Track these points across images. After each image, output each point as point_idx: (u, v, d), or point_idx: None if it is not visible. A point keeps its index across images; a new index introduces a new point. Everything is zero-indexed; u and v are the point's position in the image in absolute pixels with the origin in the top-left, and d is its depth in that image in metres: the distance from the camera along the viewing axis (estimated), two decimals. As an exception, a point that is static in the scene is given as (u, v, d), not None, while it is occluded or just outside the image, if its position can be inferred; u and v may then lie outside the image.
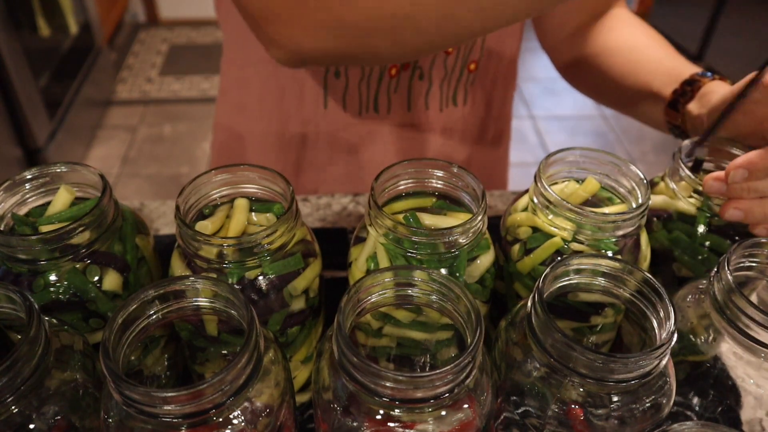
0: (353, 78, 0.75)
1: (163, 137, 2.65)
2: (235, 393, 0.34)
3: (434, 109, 0.80)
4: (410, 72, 0.75)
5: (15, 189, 0.47)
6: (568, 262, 0.41)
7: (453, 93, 0.79)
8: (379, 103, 0.77)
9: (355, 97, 0.76)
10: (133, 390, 0.32)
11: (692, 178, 0.51)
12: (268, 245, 0.43)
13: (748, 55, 2.79)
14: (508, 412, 0.41)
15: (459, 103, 0.81)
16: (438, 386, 0.34)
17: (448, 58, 0.75)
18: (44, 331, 0.37)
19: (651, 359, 0.36)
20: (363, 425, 0.36)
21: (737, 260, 0.44)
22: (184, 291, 0.38)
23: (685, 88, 0.62)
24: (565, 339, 0.36)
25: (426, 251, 0.44)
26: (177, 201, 0.45)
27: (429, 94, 0.78)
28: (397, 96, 0.77)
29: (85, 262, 0.45)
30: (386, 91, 0.76)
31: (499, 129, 0.88)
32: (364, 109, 0.78)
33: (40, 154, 2.15)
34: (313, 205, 0.77)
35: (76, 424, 0.39)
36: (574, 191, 0.51)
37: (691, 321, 0.46)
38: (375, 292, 0.39)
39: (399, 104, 0.78)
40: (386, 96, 0.77)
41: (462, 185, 0.49)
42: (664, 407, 0.39)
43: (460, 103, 0.81)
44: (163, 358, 0.52)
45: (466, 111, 0.82)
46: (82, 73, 2.49)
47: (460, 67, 0.76)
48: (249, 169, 0.48)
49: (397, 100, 0.77)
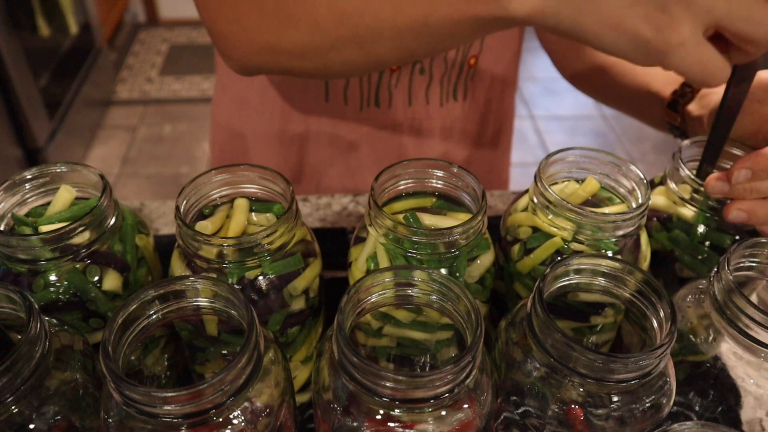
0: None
1: (163, 137, 2.65)
2: (235, 393, 0.34)
3: (434, 104, 0.80)
4: (411, 66, 0.75)
5: (15, 189, 0.47)
6: (568, 262, 0.41)
7: (453, 88, 0.79)
8: (381, 97, 0.77)
9: (356, 91, 0.77)
10: (133, 390, 0.32)
11: (692, 178, 0.51)
12: (268, 245, 0.43)
13: (748, 55, 2.79)
14: (508, 412, 0.41)
15: (459, 98, 0.81)
16: (438, 386, 0.34)
17: (448, 52, 0.75)
18: (44, 331, 0.37)
19: (651, 359, 0.36)
20: (363, 425, 0.36)
21: (737, 260, 0.44)
22: (184, 291, 0.38)
23: (684, 89, 0.62)
24: (565, 339, 0.36)
25: (426, 251, 0.44)
26: (177, 201, 0.45)
27: (429, 89, 0.78)
28: (398, 90, 0.77)
29: (85, 262, 0.45)
30: (387, 86, 0.76)
31: (498, 126, 0.88)
32: (365, 103, 0.78)
33: (40, 154, 2.15)
34: (313, 205, 0.77)
35: (76, 424, 0.39)
36: (574, 191, 0.51)
37: (691, 321, 0.46)
38: (375, 292, 0.39)
39: (400, 99, 0.78)
40: (387, 90, 0.77)
41: (462, 185, 0.49)
42: (664, 407, 0.39)
43: (460, 98, 0.81)
44: (163, 358, 0.52)
45: (466, 106, 0.82)
46: (82, 73, 2.49)
47: (460, 61, 0.77)
48: (249, 169, 0.48)
49: (398, 94, 0.78)
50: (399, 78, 0.76)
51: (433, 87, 0.78)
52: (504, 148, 0.93)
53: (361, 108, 0.78)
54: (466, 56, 0.77)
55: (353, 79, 0.75)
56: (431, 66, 0.76)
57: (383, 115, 0.79)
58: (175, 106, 2.84)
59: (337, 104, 0.78)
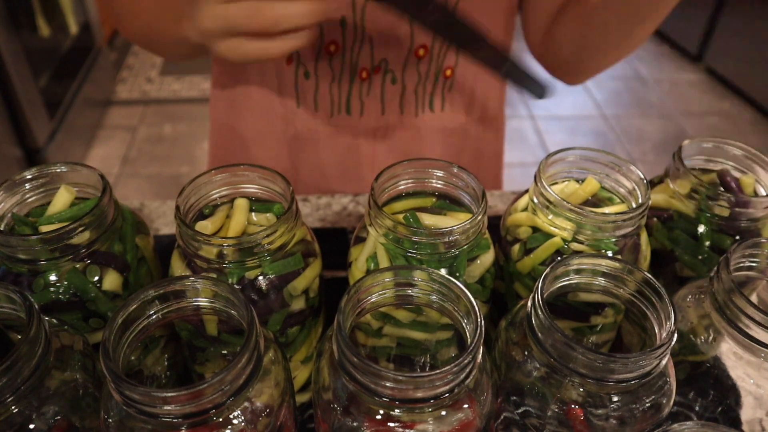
0: (323, 79, 0.75)
1: (163, 137, 2.65)
2: (235, 393, 0.34)
3: (409, 114, 0.79)
4: (381, 75, 0.75)
5: (15, 189, 0.47)
6: (568, 262, 0.41)
7: (429, 98, 0.79)
8: (352, 105, 0.77)
9: (326, 97, 0.77)
10: (133, 390, 0.32)
11: (692, 177, 0.51)
12: (268, 245, 0.43)
13: (748, 55, 2.79)
14: (508, 412, 0.41)
15: (436, 109, 0.80)
16: (438, 386, 0.34)
17: (420, 62, 0.74)
18: (44, 331, 0.37)
19: (651, 359, 0.36)
20: (363, 425, 0.36)
21: (737, 260, 0.44)
22: (184, 291, 0.38)
23: None
24: (565, 339, 0.36)
25: (426, 251, 0.44)
26: (177, 201, 0.45)
27: (403, 99, 0.78)
28: (370, 99, 0.77)
29: (85, 262, 0.45)
30: (358, 95, 0.76)
31: (480, 134, 0.86)
32: (336, 111, 0.78)
33: (40, 154, 2.15)
34: (313, 205, 0.77)
35: (76, 424, 0.39)
36: (574, 191, 0.51)
37: (691, 321, 0.46)
38: (375, 292, 0.39)
39: (372, 108, 0.78)
40: (359, 99, 0.77)
41: (462, 185, 0.49)
42: (664, 407, 0.39)
43: (437, 108, 0.80)
44: (163, 358, 0.52)
45: (444, 117, 0.81)
46: (82, 73, 2.49)
47: (435, 72, 0.76)
48: (249, 169, 0.48)
49: (371, 103, 0.77)
50: (370, 87, 0.76)
51: (407, 97, 0.77)
52: (489, 156, 0.90)
53: (332, 114, 0.78)
54: (440, 67, 0.76)
55: (322, 86, 0.76)
56: (403, 76, 0.75)
57: (355, 122, 0.79)
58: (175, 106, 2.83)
59: (309, 109, 0.78)
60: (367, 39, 0.71)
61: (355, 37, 0.71)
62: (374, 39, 0.71)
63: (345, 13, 0.69)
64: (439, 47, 0.74)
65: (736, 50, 2.87)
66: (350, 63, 0.73)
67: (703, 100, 2.94)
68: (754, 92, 2.81)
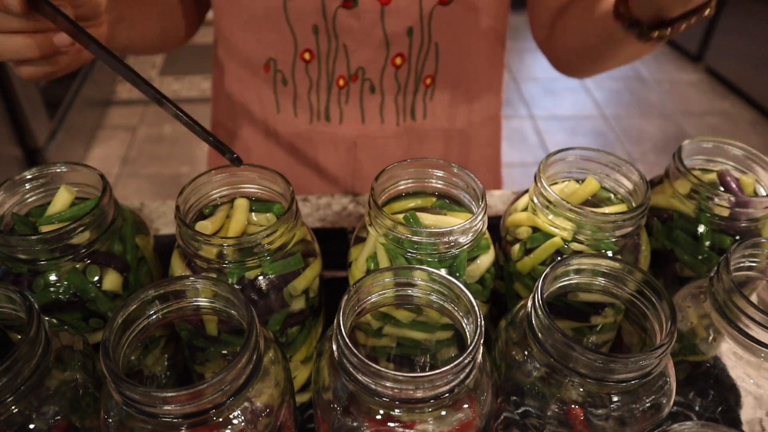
0: (301, 86, 0.76)
1: (163, 137, 2.65)
2: (235, 393, 0.34)
3: (390, 123, 0.79)
4: (359, 84, 0.75)
5: (15, 189, 0.47)
6: (568, 262, 0.41)
7: (411, 107, 0.78)
8: (331, 113, 0.77)
9: (305, 104, 0.77)
10: (133, 390, 0.32)
11: (692, 177, 0.51)
12: (268, 245, 0.43)
13: (748, 55, 2.79)
14: (508, 412, 0.41)
15: (418, 118, 0.79)
16: (438, 386, 0.34)
17: (398, 71, 0.74)
18: (44, 331, 0.37)
19: (651, 359, 0.36)
20: (363, 425, 0.36)
21: (737, 260, 0.44)
22: (184, 291, 0.38)
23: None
24: (565, 339, 0.36)
25: (426, 251, 0.44)
26: (177, 201, 0.45)
27: (383, 107, 0.77)
28: (350, 107, 0.77)
29: (85, 262, 0.45)
30: (337, 102, 0.76)
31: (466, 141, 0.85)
32: (315, 117, 0.78)
33: (40, 154, 2.15)
34: (313, 205, 0.77)
35: (76, 424, 0.39)
36: (574, 191, 0.51)
37: (691, 321, 0.46)
38: (375, 292, 0.39)
39: (352, 116, 0.78)
40: (338, 107, 0.77)
41: (462, 185, 0.49)
42: (664, 407, 0.39)
43: (419, 117, 0.79)
44: (163, 358, 0.52)
45: (427, 125, 0.80)
46: (82, 73, 2.49)
47: (414, 80, 0.75)
48: (249, 169, 0.48)
49: (350, 111, 0.77)
50: (348, 95, 0.76)
51: (387, 106, 0.77)
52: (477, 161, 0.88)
53: (311, 121, 0.78)
54: (420, 76, 0.75)
55: (301, 92, 0.76)
56: (381, 85, 0.75)
57: (335, 129, 0.79)
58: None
59: (288, 115, 0.79)
60: (341, 47, 0.71)
61: (329, 44, 0.71)
62: (348, 47, 0.71)
63: (316, 20, 0.69)
64: (417, 55, 0.73)
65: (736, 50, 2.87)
66: (326, 71, 0.74)
67: (703, 100, 2.94)
68: (754, 92, 2.81)
